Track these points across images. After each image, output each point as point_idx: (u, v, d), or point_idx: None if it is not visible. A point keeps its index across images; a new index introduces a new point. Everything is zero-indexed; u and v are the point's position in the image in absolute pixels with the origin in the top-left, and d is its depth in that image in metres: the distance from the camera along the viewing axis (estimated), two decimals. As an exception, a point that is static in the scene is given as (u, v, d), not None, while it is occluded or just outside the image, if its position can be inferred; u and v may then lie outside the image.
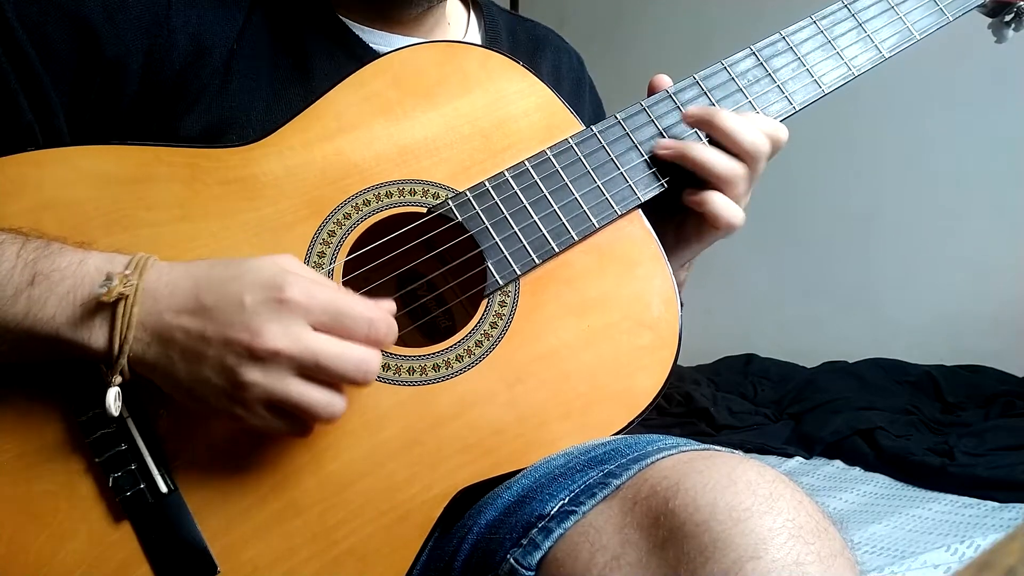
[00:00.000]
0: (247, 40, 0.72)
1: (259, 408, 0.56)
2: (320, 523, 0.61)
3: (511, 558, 0.58)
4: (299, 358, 0.55)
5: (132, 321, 0.55)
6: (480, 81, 0.74)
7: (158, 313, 0.56)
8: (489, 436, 0.65)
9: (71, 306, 0.56)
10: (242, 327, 0.54)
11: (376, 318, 0.57)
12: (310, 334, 0.55)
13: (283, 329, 0.54)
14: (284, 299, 0.55)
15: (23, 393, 0.59)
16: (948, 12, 0.83)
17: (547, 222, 0.70)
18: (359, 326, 0.57)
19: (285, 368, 0.55)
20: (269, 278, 0.56)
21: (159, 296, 0.56)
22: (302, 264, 0.60)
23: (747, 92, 0.77)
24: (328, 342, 0.56)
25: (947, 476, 1.49)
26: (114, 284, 0.55)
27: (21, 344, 0.57)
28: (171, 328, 0.56)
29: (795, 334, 2.46)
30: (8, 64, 0.65)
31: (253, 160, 0.67)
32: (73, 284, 0.56)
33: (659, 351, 0.70)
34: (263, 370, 0.54)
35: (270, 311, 0.55)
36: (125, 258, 0.58)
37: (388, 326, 0.58)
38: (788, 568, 0.47)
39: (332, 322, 0.56)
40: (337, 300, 0.57)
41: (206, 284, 0.56)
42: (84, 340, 0.56)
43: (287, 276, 0.56)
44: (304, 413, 0.57)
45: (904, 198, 2.38)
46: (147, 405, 0.60)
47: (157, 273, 0.57)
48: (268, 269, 0.57)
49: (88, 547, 0.58)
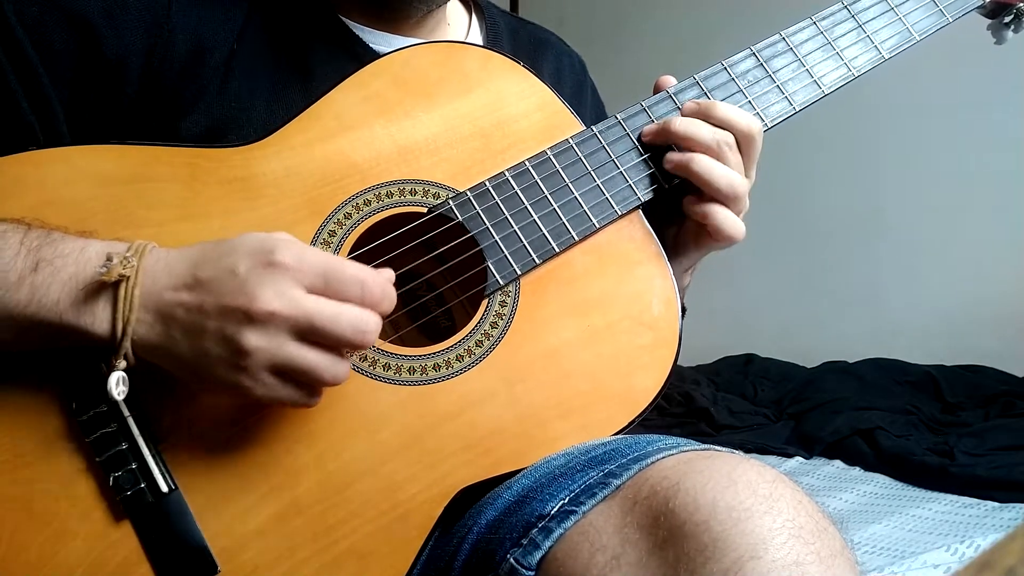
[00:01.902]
0: (247, 40, 0.73)
1: (264, 375, 0.56)
2: (320, 522, 0.61)
3: (511, 558, 0.58)
4: (294, 319, 0.55)
5: (134, 302, 0.56)
6: (480, 81, 0.74)
7: (158, 293, 0.56)
8: (489, 435, 0.65)
9: (74, 290, 0.56)
10: (238, 292, 0.55)
11: (369, 280, 0.57)
12: (303, 295, 0.55)
13: (276, 291, 0.55)
14: (275, 262, 0.55)
15: (23, 392, 0.59)
16: (948, 13, 0.83)
17: (547, 222, 0.71)
18: (351, 288, 0.57)
19: (283, 330, 0.55)
20: (259, 245, 0.56)
21: (158, 276, 0.57)
22: (294, 237, 0.60)
23: (747, 92, 0.77)
24: (322, 303, 0.56)
25: (947, 476, 1.49)
26: (114, 264, 0.56)
27: (25, 331, 0.57)
28: (171, 305, 0.56)
29: (795, 334, 2.47)
30: (8, 64, 0.65)
31: (253, 160, 0.67)
32: (76, 269, 0.57)
33: (659, 350, 0.70)
34: (262, 333, 0.55)
35: (262, 275, 0.55)
36: (125, 244, 0.59)
37: (383, 288, 0.58)
38: (788, 568, 0.47)
39: (324, 284, 0.56)
40: (328, 262, 0.57)
41: (201, 260, 0.57)
42: (87, 325, 0.56)
43: (277, 242, 0.56)
44: (307, 376, 0.57)
45: (904, 198, 2.38)
46: (148, 405, 0.60)
47: (155, 257, 0.58)
48: (258, 238, 0.57)
49: (88, 546, 0.58)
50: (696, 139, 0.72)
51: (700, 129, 0.72)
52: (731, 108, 0.74)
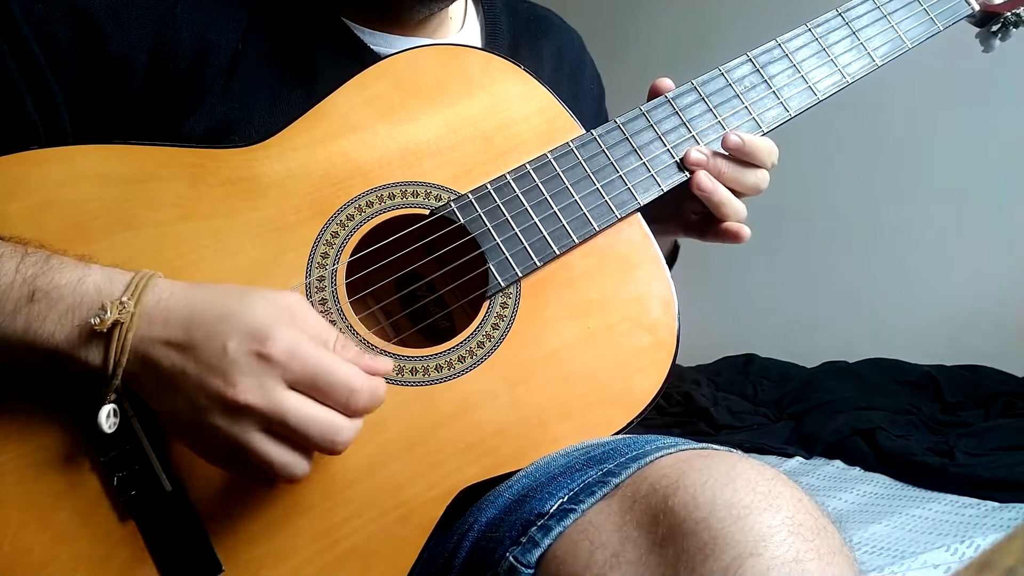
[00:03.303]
0: (251, 41, 0.72)
1: (222, 452, 0.56)
2: (322, 522, 0.61)
3: (511, 556, 0.58)
4: (268, 415, 0.54)
5: (126, 347, 0.55)
6: (482, 84, 0.74)
7: (150, 340, 0.56)
8: (490, 436, 0.65)
9: (69, 326, 0.56)
10: (219, 374, 0.54)
11: (358, 389, 0.56)
12: (283, 393, 0.54)
13: (257, 384, 0.54)
14: (265, 354, 0.54)
15: (27, 394, 0.60)
16: (939, 22, 0.85)
17: (548, 225, 0.71)
18: (337, 393, 0.55)
19: (253, 422, 0.54)
20: (258, 327, 0.55)
21: (153, 323, 0.56)
22: (303, 304, 0.58)
23: (744, 98, 0.78)
24: (299, 404, 0.54)
25: (947, 476, 1.49)
26: (107, 316, 0.55)
27: (21, 358, 0.57)
28: (159, 358, 0.55)
29: (795, 334, 2.46)
30: (12, 62, 0.65)
31: (256, 161, 0.67)
32: (72, 304, 0.56)
33: (658, 352, 0.70)
34: (230, 419, 0.54)
35: (249, 363, 0.54)
36: (125, 277, 0.58)
37: (371, 396, 0.56)
38: (787, 565, 0.48)
39: (311, 385, 0.55)
40: (320, 362, 0.55)
41: (200, 319, 0.56)
42: (82, 358, 0.56)
43: (275, 328, 0.55)
44: (260, 466, 0.56)
45: (904, 198, 2.38)
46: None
47: (156, 296, 0.57)
48: (260, 315, 0.55)
49: (92, 546, 0.58)
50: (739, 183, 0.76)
51: (745, 177, 0.76)
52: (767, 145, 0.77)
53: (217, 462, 0.58)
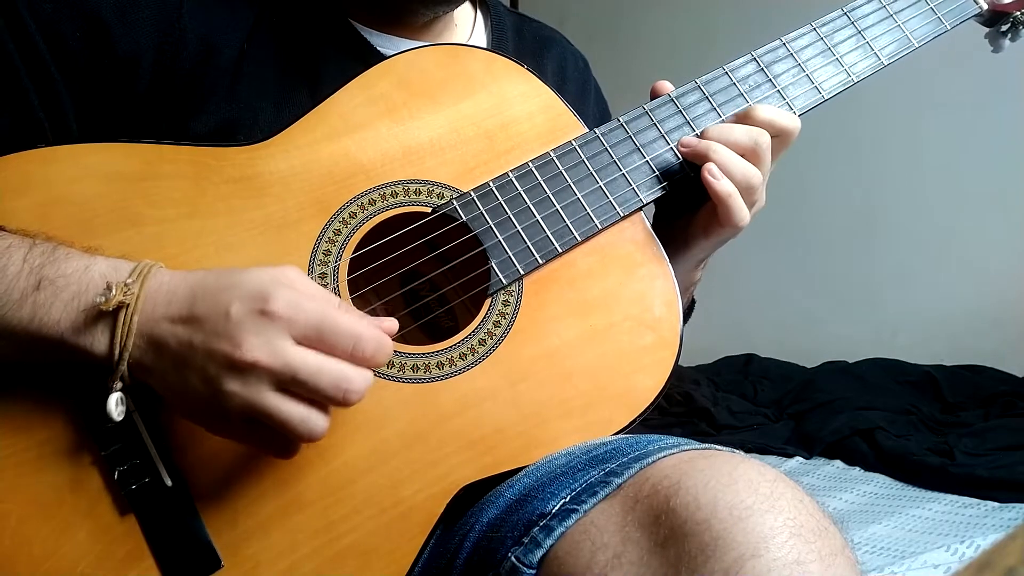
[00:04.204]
0: (257, 42, 0.73)
1: (239, 420, 0.56)
2: (323, 519, 0.61)
3: (512, 556, 0.58)
4: (277, 371, 0.54)
5: (132, 329, 0.56)
6: (484, 83, 0.74)
7: (155, 321, 0.56)
8: (491, 434, 0.65)
9: (75, 312, 0.56)
10: (225, 338, 0.54)
11: (364, 336, 0.56)
12: (290, 347, 0.54)
13: (263, 341, 0.54)
14: (268, 311, 0.54)
15: (31, 387, 0.60)
16: (946, 21, 0.84)
17: (550, 223, 0.71)
18: (343, 342, 0.55)
19: (264, 381, 0.54)
20: (257, 289, 0.55)
21: (157, 303, 0.56)
22: (303, 275, 0.58)
23: (748, 97, 0.78)
24: (308, 356, 0.55)
25: (947, 476, 1.49)
26: (112, 295, 0.55)
27: (28, 347, 0.58)
28: (165, 336, 0.56)
29: (795, 334, 2.47)
30: (20, 60, 0.65)
31: (260, 159, 0.68)
32: (77, 290, 0.57)
33: (660, 351, 0.70)
34: (242, 381, 0.54)
35: (253, 323, 0.54)
36: (129, 265, 0.58)
37: (378, 345, 0.56)
38: (789, 567, 0.48)
39: (316, 336, 0.55)
40: (324, 314, 0.55)
41: (201, 293, 0.56)
42: (87, 346, 0.57)
43: (275, 288, 0.55)
44: (280, 427, 0.56)
45: (904, 198, 2.38)
46: (153, 400, 0.61)
47: (158, 281, 0.57)
48: (259, 280, 0.56)
49: (93, 540, 0.58)
50: (730, 140, 0.73)
51: (733, 130, 0.74)
52: (772, 109, 0.75)
53: (238, 435, 0.58)
